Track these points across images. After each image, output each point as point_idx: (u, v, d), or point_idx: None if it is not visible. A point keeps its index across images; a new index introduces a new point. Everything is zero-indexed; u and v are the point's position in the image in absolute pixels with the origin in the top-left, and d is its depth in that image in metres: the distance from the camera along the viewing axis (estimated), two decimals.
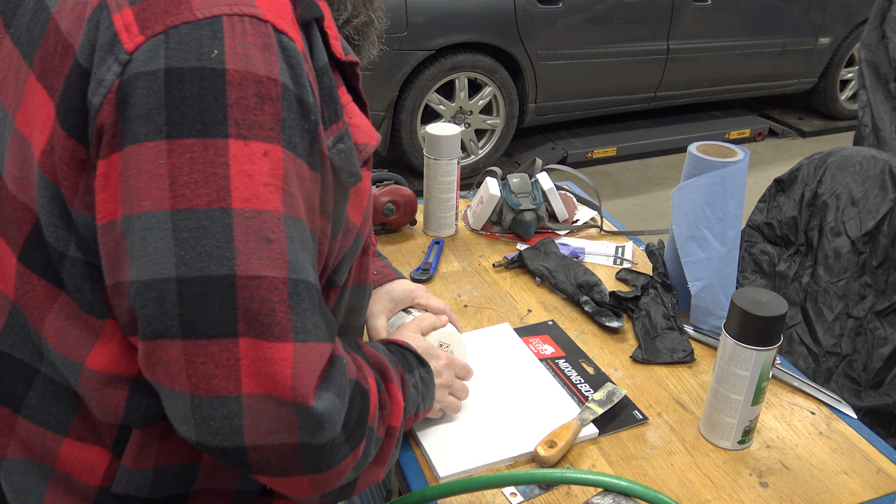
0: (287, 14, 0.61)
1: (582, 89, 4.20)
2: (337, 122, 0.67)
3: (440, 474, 0.94)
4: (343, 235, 0.71)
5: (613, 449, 1.01)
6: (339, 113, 0.67)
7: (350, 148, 0.68)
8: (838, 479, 0.97)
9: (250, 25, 0.58)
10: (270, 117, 0.59)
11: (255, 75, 0.58)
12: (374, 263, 1.10)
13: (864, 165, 1.61)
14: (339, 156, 0.67)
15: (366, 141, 0.72)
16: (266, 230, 0.59)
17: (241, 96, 0.57)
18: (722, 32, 4.40)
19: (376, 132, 0.74)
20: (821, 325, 1.61)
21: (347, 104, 0.71)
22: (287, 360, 0.60)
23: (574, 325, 1.26)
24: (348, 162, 0.68)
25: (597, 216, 1.61)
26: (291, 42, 0.61)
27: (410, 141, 3.86)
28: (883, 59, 2.15)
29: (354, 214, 0.72)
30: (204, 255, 0.57)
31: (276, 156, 0.59)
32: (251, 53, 0.58)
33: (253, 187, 0.58)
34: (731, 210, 1.17)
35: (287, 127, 0.60)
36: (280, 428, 0.61)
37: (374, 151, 0.74)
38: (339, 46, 0.69)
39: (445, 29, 3.67)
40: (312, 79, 0.64)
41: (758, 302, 0.94)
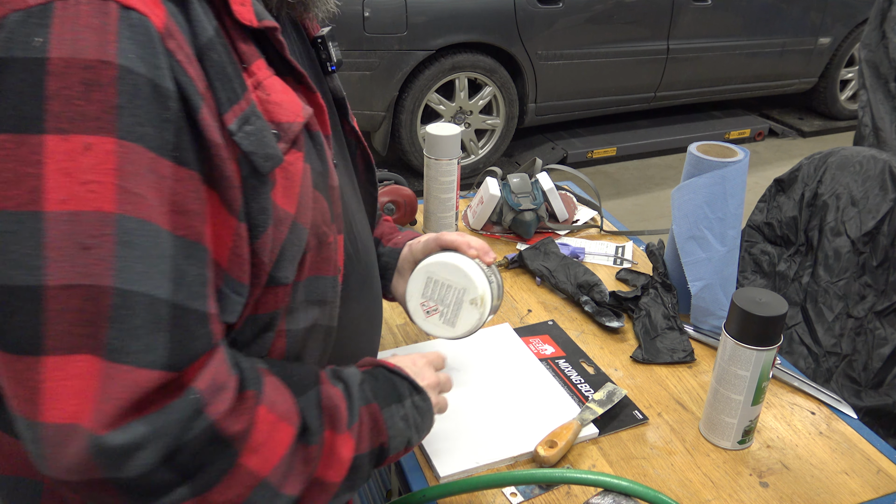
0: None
1: (582, 89, 4.20)
2: (238, 101, 0.59)
3: (440, 474, 0.94)
4: (275, 227, 0.63)
5: (613, 449, 1.01)
6: (238, 92, 0.59)
7: (260, 129, 0.60)
8: (838, 479, 0.97)
9: (86, 6, 0.52)
10: (98, 105, 0.51)
11: (83, 60, 0.51)
12: (398, 234, 1.05)
13: (864, 165, 1.61)
14: (248, 139, 0.59)
15: (289, 118, 0.63)
16: (82, 234, 0.52)
17: (63, 86, 0.51)
18: (722, 32, 4.40)
19: (304, 107, 0.66)
20: (821, 325, 1.61)
21: (266, 79, 0.63)
22: (91, 380, 0.52)
23: (574, 325, 1.26)
24: (260, 144, 0.60)
25: (597, 216, 1.61)
26: (143, 18, 0.53)
27: (410, 141, 3.86)
28: (883, 59, 2.15)
29: (285, 202, 0.63)
30: (11, 263, 0.51)
31: (103, 148, 0.52)
32: (81, 37, 0.51)
33: (69, 187, 0.51)
34: (731, 210, 1.17)
35: (126, 115, 0.52)
36: (79, 462, 0.53)
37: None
38: (246, 12, 0.61)
39: (445, 29, 3.67)
40: (189, 58, 0.56)
41: (758, 302, 0.94)
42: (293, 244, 0.65)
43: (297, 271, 0.67)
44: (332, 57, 0.82)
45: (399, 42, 3.59)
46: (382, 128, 3.77)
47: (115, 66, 0.52)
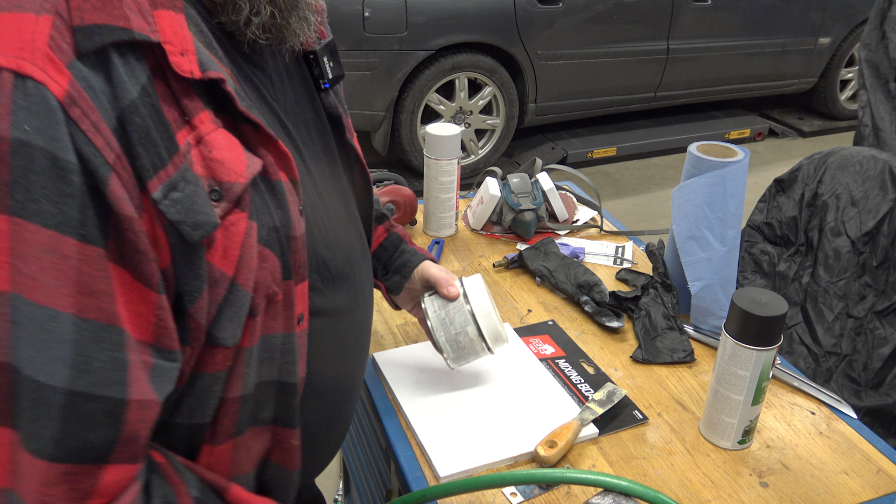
0: (37, 51, 0.49)
1: (582, 89, 4.20)
2: (164, 167, 0.55)
3: (440, 474, 0.94)
4: (210, 289, 0.59)
5: (613, 449, 1.01)
6: (164, 157, 0.55)
7: (191, 195, 0.56)
8: (838, 479, 0.97)
9: None
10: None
11: None
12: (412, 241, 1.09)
13: (864, 165, 1.61)
14: (174, 207, 0.55)
15: (230, 178, 0.59)
16: None
17: None
18: (722, 32, 4.40)
19: (249, 164, 0.61)
20: (821, 325, 1.61)
21: (209, 133, 0.58)
22: (7, 453, 0.50)
23: (574, 325, 1.26)
24: (189, 212, 0.56)
25: (597, 216, 1.61)
26: (40, 87, 0.49)
27: (410, 141, 3.86)
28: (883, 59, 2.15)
29: (223, 264, 0.60)
30: None
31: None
32: None
33: None
34: (731, 210, 1.17)
35: (19, 191, 0.48)
36: None
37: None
38: (186, 63, 0.56)
39: (445, 29, 3.67)
40: (97, 125, 0.51)
41: (758, 302, 0.94)
42: (232, 305, 0.62)
43: (243, 335, 0.64)
44: (326, 74, 0.79)
45: (399, 42, 3.59)
46: (382, 128, 3.77)
47: (7, 141, 0.48)
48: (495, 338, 1.02)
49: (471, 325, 1.01)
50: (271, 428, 0.72)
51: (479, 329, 1.01)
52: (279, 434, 0.73)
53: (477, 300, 1.02)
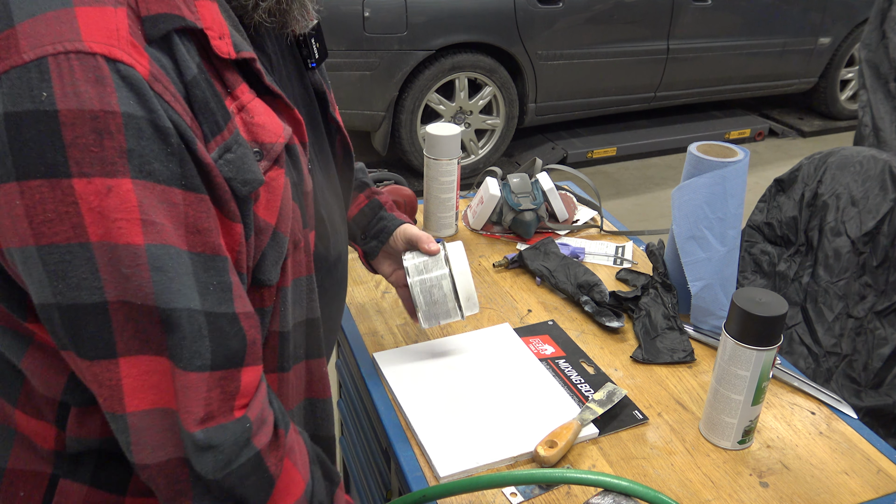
0: (122, 38, 0.59)
1: (582, 89, 4.20)
2: (220, 132, 0.66)
3: (440, 474, 0.94)
4: (256, 236, 0.70)
5: (613, 449, 1.01)
6: (220, 123, 0.66)
7: (241, 156, 0.67)
8: (838, 479, 0.97)
9: (77, 62, 0.57)
10: (112, 151, 0.58)
11: (90, 111, 0.57)
12: (395, 208, 1.17)
13: (864, 165, 1.61)
14: (228, 166, 0.66)
15: (272, 140, 0.70)
16: (122, 264, 0.60)
17: (77, 135, 0.57)
18: (722, 32, 4.40)
19: (285, 127, 0.72)
20: (821, 325, 1.61)
21: (249, 102, 0.69)
22: (164, 376, 0.63)
23: (574, 325, 1.26)
24: (240, 170, 0.67)
25: (597, 216, 1.61)
26: (130, 69, 0.59)
27: (410, 141, 3.86)
28: (883, 59, 2.15)
29: (267, 214, 0.71)
30: (74, 286, 0.60)
31: (122, 188, 0.59)
32: (82, 90, 0.57)
33: (105, 223, 0.59)
34: (731, 210, 1.17)
35: (136, 156, 0.59)
36: (166, 441, 0.64)
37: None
38: (224, 45, 0.67)
39: (445, 29, 3.67)
40: (175, 97, 0.62)
41: (758, 302, 0.94)
42: (274, 250, 0.72)
43: (280, 276, 0.74)
44: (314, 53, 0.88)
45: (399, 42, 3.59)
46: (382, 128, 3.77)
47: (119, 115, 0.58)
48: (468, 297, 1.08)
49: (447, 279, 1.08)
50: (305, 363, 0.83)
51: (454, 285, 1.07)
52: (312, 366, 0.84)
53: (456, 261, 1.08)
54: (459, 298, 1.07)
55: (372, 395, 1.10)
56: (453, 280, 1.07)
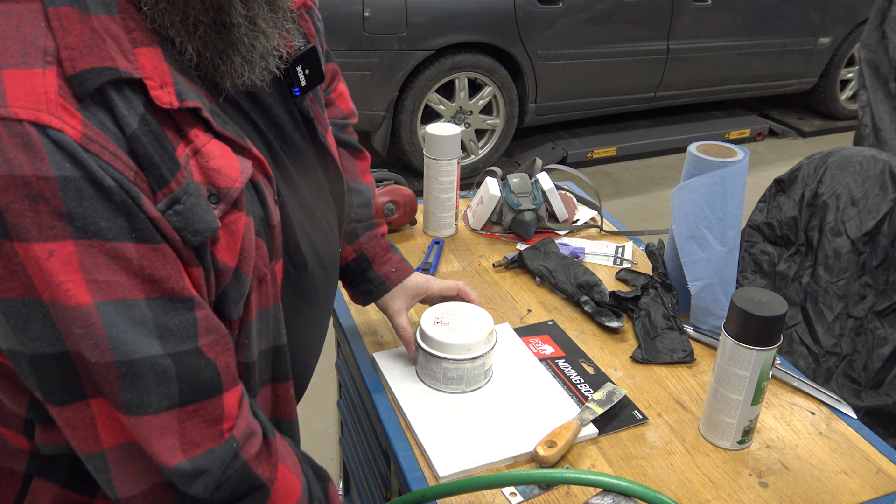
0: (51, 102, 0.57)
1: (582, 89, 4.20)
2: (167, 185, 0.63)
3: (440, 474, 0.94)
4: (216, 277, 0.70)
5: (613, 449, 1.01)
6: (167, 177, 0.63)
7: (192, 207, 0.65)
8: (838, 479, 0.97)
9: (3, 129, 0.55)
10: (48, 217, 0.57)
11: (22, 177, 0.56)
12: (391, 260, 1.13)
13: (864, 165, 1.61)
14: (176, 217, 0.64)
15: (228, 184, 0.68)
16: (75, 325, 0.59)
17: (10, 201, 0.56)
18: (722, 32, 4.40)
19: (243, 169, 0.70)
20: (821, 325, 1.61)
21: (205, 146, 0.67)
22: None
23: (574, 325, 1.26)
24: (189, 221, 0.65)
25: (597, 216, 1.61)
26: (59, 133, 0.57)
27: (410, 141, 3.86)
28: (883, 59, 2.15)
29: (227, 256, 0.70)
30: (35, 337, 0.60)
31: (64, 251, 0.58)
32: (11, 157, 0.55)
33: (50, 286, 0.58)
34: (731, 210, 1.17)
35: (78, 218, 0.58)
36: (147, 468, 0.65)
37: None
38: (166, 95, 0.63)
39: (445, 29, 3.67)
40: (115, 154, 0.60)
41: (758, 302, 0.94)
42: (235, 289, 0.72)
43: (244, 311, 0.74)
44: (299, 81, 0.85)
45: (399, 42, 3.59)
46: (382, 128, 3.77)
47: (53, 180, 0.56)
48: (468, 353, 1.07)
49: (440, 368, 1.08)
50: (271, 386, 0.83)
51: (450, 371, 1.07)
52: (278, 389, 0.84)
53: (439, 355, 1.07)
54: (465, 381, 1.09)
55: (372, 395, 1.10)
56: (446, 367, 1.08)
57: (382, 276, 1.11)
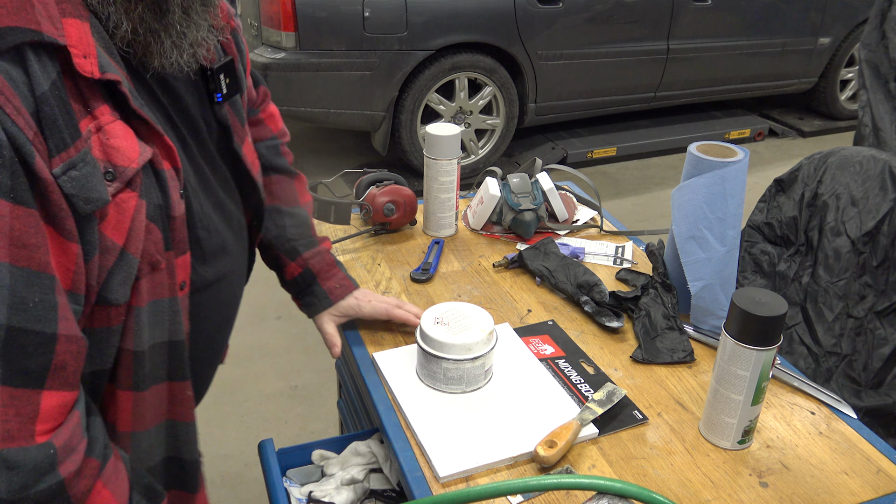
0: None
1: (582, 89, 4.20)
2: (66, 149, 0.65)
3: (440, 474, 0.94)
4: (101, 256, 0.70)
5: (613, 449, 1.01)
6: (67, 141, 0.65)
7: (87, 174, 0.66)
8: (838, 479, 0.97)
9: None
10: None
11: None
12: (336, 276, 1.20)
13: (864, 165, 1.61)
14: (70, 183, 0.65)
15: (125, 163, 0.70)
16: None
17: None
18: (722, 32, 4.40)
19: (141, 152, 0.72)
20: (821, 325, 1.61)
21: (109, 124, 0.69)
22: None
23: (574, 325, 1.26)
24: (83, 188, 0.66)
25: (597, 216, 1.61)
26: None
27: (410, 141, 3.86)
28: (883, 59, 2.15)
29: (115, 234, 0.71)
30: None
31: None
32: None
33: None
34: (731, 210, 1.17)
35: None
36: None
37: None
38: (88, 65, 0.66)
39: (445, 29, 3.67)
40: (18, 110, 0.61)
41: (758, 302, 0.94)
42: (122, 270, 0.72)
43: (132, 296, 0.75)
44: (221, 88, 0.89)
45: (399, 42, 3.59)
46: (382, 128, 3.77)
47: None
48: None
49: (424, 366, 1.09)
50: (167, 384, 0.84)
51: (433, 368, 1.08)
52: (174, 388, 0.85)
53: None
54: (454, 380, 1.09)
55: (372, 395, 1.10)
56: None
57: (327, 290, 1.18)
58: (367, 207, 1.48)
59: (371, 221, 1.50)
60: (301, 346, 2.72)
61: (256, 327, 2.82)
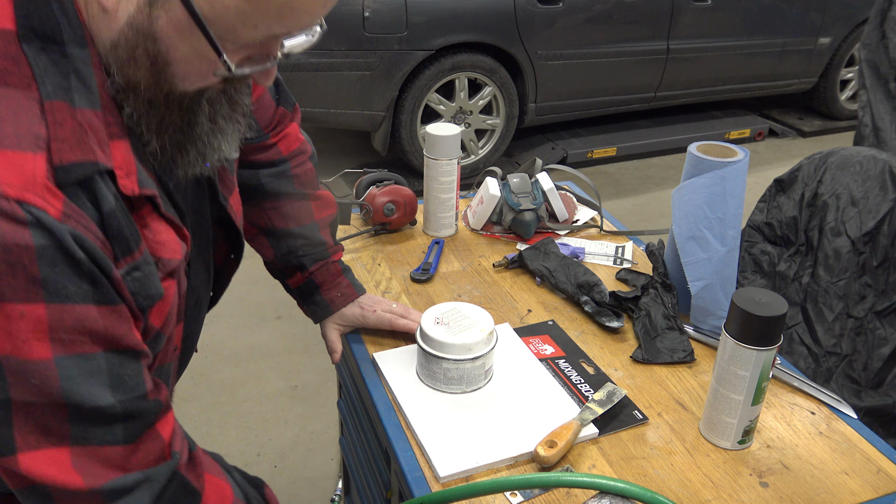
0: (38, 184, 0.64)
1: (582, 89, 4.20)
2: (131, 254, 0.72)
3: (440, 474, 0.94)
4: (142, 335, 0.77)
5: (613, 449, 1.01)
6: (132, 247, 0.72)
7: (148, 274, 0.74)
8: (838, 479, 0.97)
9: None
10: (23, 281, 0.63)
11: (2, 245, 0.61)
12: (339, 286, 1.21)
13: (864, 165, 1.61)
14: (134, 283, 0.73)
15: (170, 256, 0.78)
16: (31, 376, 0.65)
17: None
18: (722, 32, 4.40)
19: (182, 245, 0.80)
20: (821, 325, 1.61)
21: (154, 222, 0.76)
22: (64, 462, 0.68)
23: (574, 325, 1.26)
24: (144, 287, 0.74)
25: (597, 216, 1.61)
26: (42, 211, 0.63)
27: (410, 141, 3.86)
28: (883, 59, 2.15)
29: (156, 319, 0.78)
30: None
31: (36, 313, 0.64)
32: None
33: (13, 341, 0.63)
34: (731, 210, 1.17)
35: (51, 283, 0.64)
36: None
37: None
38: (130, 183, 0.72)
39: (445, 29, 3.67)
40: (88, 227, 0.67)
41: (758, 302, 0.94)
42: (153, 348, 0.79)
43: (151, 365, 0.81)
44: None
45: (399, 42, 3.59)
46: (382, 128, 3.77)
47: (32, 248, 0.63)
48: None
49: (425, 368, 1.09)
50: None
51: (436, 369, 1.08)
52: None
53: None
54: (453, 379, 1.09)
55: (372, 395, 1.10)
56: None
57: (328, 300, 1.21)
58: (367, 207, 1.48)
59: (371, 221, 1.50)
60: (301, 346, 2.72)
61: (256, 327, 2.82)
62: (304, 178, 1.19)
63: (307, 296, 1.22)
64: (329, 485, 2.12)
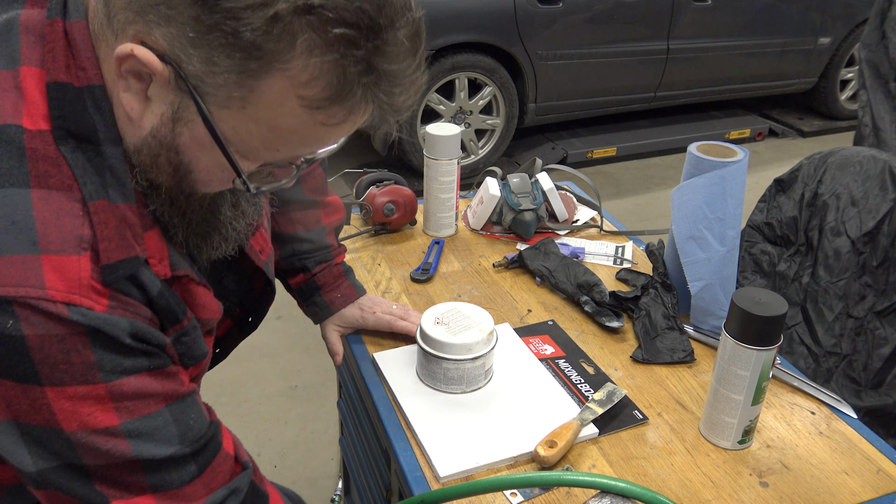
0: (83, 286, 0.65)
1: (582, 89, 4.20)
2: (179, 323, 0.76)
3: (440, 474, 0.94)
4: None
5: (613, 449, 1.01)
6: (180, 318, 0.76)
7: (193, 339, 0.79)
8: (838, 479, 0.97)
9: (40, 306, 0.63)
10: (81, 367, 0.65)
11: (56, 335, 0.63)
12: (340, 287, 1.22)
13: (864, 165, 1.61)
14: (181, 347, 0.77)
15: (209, 316, 0.83)
16: (100, 443, 0.67)
17: (45, 356, 0.63)
18: (722, 32, 4.40)
19: (220, 304, 0.85)
20: (821, 325, 1.61)
21: (193, 288, 0.79)
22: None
23: (574, 325, 1.26)
24: (190, 349, 0.78)
25: (597, 216, 1.61)
26: (90, 311, 0.65)
27: (410, 141, 3.86)
28: (883, 59, 2.15)
29: (193, 371, 0.82)
30: (55, 453, 0.67)
31: (96, 393, 0.66)
32: (48, 324, 0.63)
33: (78, 418, 0.66)
34: (730, 210, 1.17)
35: (105, 365, 0.66)
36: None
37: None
38: (162, 268, 0.75)
39: (445, 29, 3.67)
40: (136, 312, 0.70)
41: (758, 302, 0.94)
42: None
43: None
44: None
45: None
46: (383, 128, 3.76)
47: (84, 334, 0.65)
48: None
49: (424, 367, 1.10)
50: None
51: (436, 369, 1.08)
52: None
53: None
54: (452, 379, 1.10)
55: (372, 395, 1.10)
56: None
57: (328, 301, 1.21)
58: (367, 207, 1.48)
59: (371, 221, 1.50)
60: (301, 346, 2.72)
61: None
62: (314, 184, 1.19)
63: (307, 296, 1.22)
64: (329, 485, 2.12)
